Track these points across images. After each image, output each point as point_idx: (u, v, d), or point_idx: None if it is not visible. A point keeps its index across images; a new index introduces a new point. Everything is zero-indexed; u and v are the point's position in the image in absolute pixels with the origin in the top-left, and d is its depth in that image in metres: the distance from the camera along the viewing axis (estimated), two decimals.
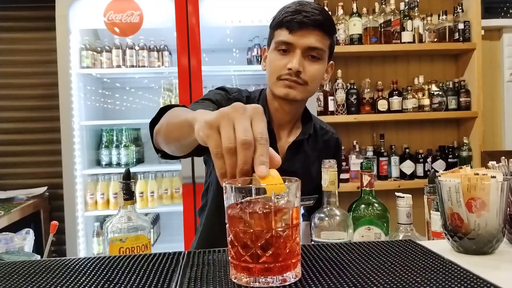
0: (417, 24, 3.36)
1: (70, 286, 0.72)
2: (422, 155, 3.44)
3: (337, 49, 3.22)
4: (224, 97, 1.49)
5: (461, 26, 3.36)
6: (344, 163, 3.29)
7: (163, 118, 1.13)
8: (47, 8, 3.17)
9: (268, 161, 0.70)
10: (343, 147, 3.34)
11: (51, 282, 0.75)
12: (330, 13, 3.27)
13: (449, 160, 3.44)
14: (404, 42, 3.33)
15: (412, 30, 3.33)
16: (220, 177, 0.72)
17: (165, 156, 1.22)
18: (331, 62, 1.52)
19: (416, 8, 3.39)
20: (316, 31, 1.38)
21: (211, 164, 1.57)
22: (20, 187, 3.41)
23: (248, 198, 0.69)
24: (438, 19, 3.48)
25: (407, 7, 3.38)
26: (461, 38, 3.37)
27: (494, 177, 0.86)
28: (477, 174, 0.88)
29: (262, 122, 0.73)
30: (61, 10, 2.90)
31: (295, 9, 1.38)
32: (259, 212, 0.69)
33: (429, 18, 3.43)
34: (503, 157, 1.01)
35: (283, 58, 1.40)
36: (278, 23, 1.41)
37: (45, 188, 3.40)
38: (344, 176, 3.27)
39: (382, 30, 3.34)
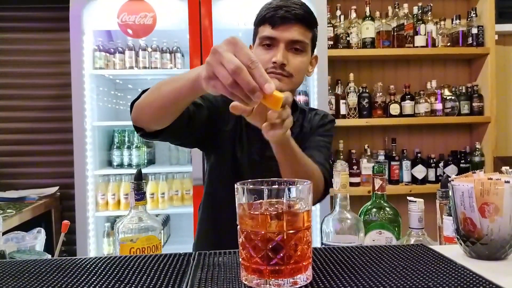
0: (430, 28, 3.35)
1: (81, 285, 0.73)
2: (434, 160, 3.42)
3: (349, 52, 3.29)
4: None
5: (474, 30, 3.34)
6: (355, 167, 3.28)
7: (148, 92, 1.20)
8: (61, 9, 3.19)
9: (268, 78, 0.81)
10: (353, 151, 3.35)
11: (62, 281, 0.75)
12: (342, 16, 3.33)
13: (461, 165, 3.41)
14: (417, 46, 3.32)
15: (425, 34, 3.32)
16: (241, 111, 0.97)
17: (145, 135, 1.28)
18: (315, 54, 1.57)
19: (430, 12, 3.38)
20: (298, 25, 1.42)
21: (210, 158, 1.61)
22: (31, 187, 3.44)
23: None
24: (452, 23, 3.46)
25: (420, 11, 3.37)
26: (474, 43, 3.34)
27: (508, 182, 0.85)
28: (491, 179, 0.87)
29: (243, 49, 0.81)
30: (75, 11, 2.92)
31: (277, 5, 1.43)
32: (271, 214, 0.69)
33: (442, 23, 3.41)
34: None
35: (267, 53, 1.43)
36: (261, 20, 1.47)
37: (56, 188, 3.42)
38: (355, 180, 3.27)
39: (395, 34, 3.33)
